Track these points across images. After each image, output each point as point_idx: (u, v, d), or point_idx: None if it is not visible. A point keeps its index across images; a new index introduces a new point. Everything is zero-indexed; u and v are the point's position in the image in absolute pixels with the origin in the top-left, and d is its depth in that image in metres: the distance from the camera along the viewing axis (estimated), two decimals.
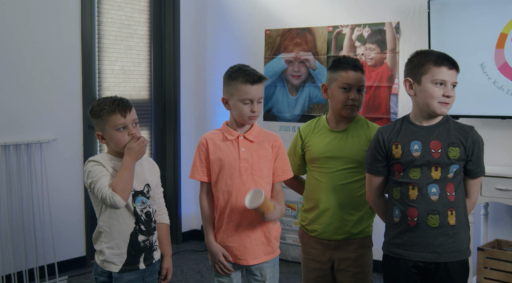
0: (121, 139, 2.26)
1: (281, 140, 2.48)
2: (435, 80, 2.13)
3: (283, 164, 2.46)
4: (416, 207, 2.14)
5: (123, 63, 4.67)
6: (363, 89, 2.51)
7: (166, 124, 5.05)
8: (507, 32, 3.64)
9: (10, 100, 3.87)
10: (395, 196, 2.21)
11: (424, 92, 2.15)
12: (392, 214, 2.22)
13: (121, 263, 2.29)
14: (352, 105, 2.48)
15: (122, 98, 2.31)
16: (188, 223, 5.19)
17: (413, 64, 2.19)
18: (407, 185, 2.16)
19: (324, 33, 4.48)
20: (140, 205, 2.32)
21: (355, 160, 2.48)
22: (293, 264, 4.46)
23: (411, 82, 2.19)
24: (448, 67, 2.14)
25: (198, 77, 5.21)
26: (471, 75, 3.72)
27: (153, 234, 2.37)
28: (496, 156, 3.82)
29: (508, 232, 3.83)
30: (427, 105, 2.16)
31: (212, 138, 2.43)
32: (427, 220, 2.14)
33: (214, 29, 5.10)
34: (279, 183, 2.48)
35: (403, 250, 2.19)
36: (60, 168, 4.13)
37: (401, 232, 2.19)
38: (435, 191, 2.14)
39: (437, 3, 3.87)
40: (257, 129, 2.46)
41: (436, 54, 2.18)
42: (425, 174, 2.14)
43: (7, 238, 3.78)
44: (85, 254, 4.33)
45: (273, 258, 2.51)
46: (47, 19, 4.05)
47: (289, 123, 4.68)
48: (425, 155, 2.14)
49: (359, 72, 2.49)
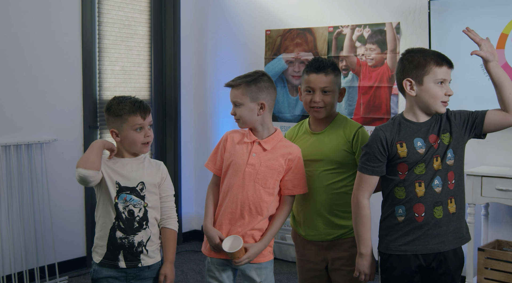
0: (136, 140, 2.37)
1: (300, 153, 2.47)
2: (437, 80, 2.15)
3: (295, 178, 2.45)
4: (423, 202, 2.15)
5: (123, 64, 4.67)
6: (328, 90, 2.48)
7: (167, 124, 5.05)
8: (507, 32, 3.64)
9: (10, 100, 3.87)
10: (398, 196, 2.19)
11: (427, 93, 2.16)
12: (395, 214, 2.20)
13: (101, 255, 2.38)
14: (317, 108, 2.49)
15: (142, 101, 2.42)
16: (189, 223, 5.19)
17: (412, 64, 2.18)
18: (413, 183, 2.16)
19: (325, 34, 4.48)
20: (122, 202, 2.36)
21: (335, 161, 2.48)
22: (293, 264, 4.46)
23: (411, 82, 2.18)
24: (448, 66, 2.18)
25: (199, 77, 5.21)
26: (472, 76, 3.72)
27: (135, 234, 2.37)
28: (496, 156, 3.82)
29: (509, 232, 3.82)
30: (429, 105, 2.17)
31: (232, 137, 2.50)
32: (433, 213, 2.15)
33: (214, 29, 5.10)
34: (287, 197, 2.47)
35: (409, 246, 2.18)
36: (61, 168, 4.13)
37: (408, 230, 2.18)
38: (438, 182, 2.15)
39: (437, 3, 3.87)
40: (277, 139, 2.47)
41: (434, 53, 2.20)
42: (430, 168, 2.15)
43: (7, 238, 3.79)
44: (85, 254, 4.33)
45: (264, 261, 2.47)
46: (47, 19, 4.05)
47: (289, 124, 4.68)
48: (428, 149, 2.16)
49: (322, 74, 2.48)
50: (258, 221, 2.42)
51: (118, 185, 2.36)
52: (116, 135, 2.40)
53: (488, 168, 3.73)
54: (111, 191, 2.36)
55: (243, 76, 2.45)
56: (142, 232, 2.39)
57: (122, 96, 2.43)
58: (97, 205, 2.43)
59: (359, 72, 4.31)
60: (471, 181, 3.56)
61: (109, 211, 2.36)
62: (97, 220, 2.42)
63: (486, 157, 3.83)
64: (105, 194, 2.37)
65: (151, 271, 2.42)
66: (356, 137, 2.48)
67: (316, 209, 2.52)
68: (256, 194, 2.40)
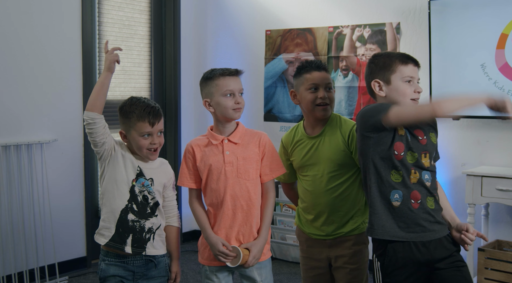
0: (142, 146, 2.35)
1: (268, 137, 2.47)
2: (405, 78, 2.18)
3: (270, 162, 2.45)
4: (418, 190, 2.15)
5: (123, 64, 4.67)
6: (331, 87, 2.51)
7: (167, 124, 5.05)
8: (507, 32, 3.64)
9: (11, 101, 3.87)
10: (394, 179, 2.15)
11: (396, 91, 2.19)
12: (390, 199, 2.15)
13: (108, 237, 2.34)
14: (324, 104, 2.48)
15: (154, 106, 2.36)
16: (188, 223, 5.19)
17: (378, 66, 2.22)
18: (409, 168, 2.14)
19: (325, 34, 4.48)
20: (140, 186, 2.36)
21: (336, 163, 2.47)
22: (293, 264, 4.46)
23: (380, 83, 2.21)
24: (414, 64, 2.21)
25: (199, 77, 5.11)
26: (472, 76, 3.73)
27: (147, 219, 2.37)
28: (496, 157, 3.82)
29: (509, 232, 3.82)
30: (399, 103, 2.17)
31: (198, 145, 2.46)
32: (427, 202, 2.16)
33: (214, 29, 5.10)
34: (269, 182, 2.46)
35: (406, 233, 2.14)
36: (61, 168, 4.14)
37: (404, 215, 2.14)
38: (428, 177, 2.17)
39: (437, 3, 3.87)
40: (242, 131, 2.46)
41: (399, 54, 2.25)
42: (419, 161, 2.15)
43: (7, 238, 3.79)
44: (85, 254, 4.33)
45: (264, 260, 2.47)
46: (48, 19, 4.05)
47: (289, 124, 4.68)
48: (414, 141, 2.15)
49: (323, 72, 2.50)
50: (253, 216, 2.41)
51: (140, 169, 2.37)
52: (124, 137, 2.40)
53: (488, 168, 3.73)
54: (130, 173, 2.35)
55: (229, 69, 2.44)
56: (153, 219, 2.39)
57: (137, 98, 2.39)
58: (105, 185, 2.37)
59: (359, 72, 4.31)
60: (471, 181, 3.56)
61: (120, 193, 2.34)
62: (104, 202, 2.38)
63: (486, 157, 3.83)
64: (122, 174, 2.35)
65: (158, 270, 2.43)
66: (351, 136, 2.46)
67: (320, 211, 2.52)
68: (242, 188, 2.39)
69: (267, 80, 4.79)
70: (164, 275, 2.46)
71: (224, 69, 2.41)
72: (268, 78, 4.78)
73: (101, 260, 2.41)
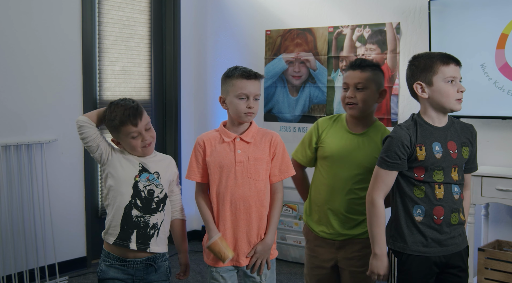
0: (136, 146, 2.38)
1: (280, 138, 2.46)
2: (447, 78, 2.16)
3: (280, 163, 2.44)
4: (442, 206, 2.17)
5: (123, 64, 4.67)
6: (362, 87, 2.47)
7: (167, 124, 5.05)
8: (507, 32, 3.64)
9: (11, 101, 3.87)
10: (417, 194, 2.19)
11: (439, 92, 2.17)
12: (413, 213, 2.19)
13: (115, 236, 2.35)
14: (350, 104, 2.48)
15: (132, 106, 2.36)
16: (189, 223, 5.18)
17: (419, 68, 2.20)
18: (433, 183, 2.17)
19: (325, 34, 4.48)
20: (144, 180, 2.37)
21: (365, 167, 2.45)
22: (294, 264, 4.46)
23: (422, 85, 2.20)
24: (455, 64, 2.19)
25: (199, 77, 5.21)
26: (472, 76, 3.72)
27: (151, 214, 2.37)
28: (496, 157, 3.82)
29: (509, 232, 3.83)
30: (443, 104, 2.18)
31: (209, 140, 2.44)
32: (451, 218, 2.18)
33: (214, 29, 5.10)
34: (277, 183, 2.46)
35: (428, 248, 2.19)
36: (61, 168, 4.14)
37: (426, 231, 2.18)
38: (457, 190, 2.20)
39: (437, 3, 3.87)
40: (255, 130, 2.44)
41: (440, 54, 2.21)
42: (448, 176, 2.18)
43: (7, 238, 3.79)
44: (85, 254, 4.33)
45: (272, 259, 2.47)
46: (48, 19, 4.05)
47: (289, 124, 4.68)
48: (445, 156, 2.17)
49: (358, 71, 2.49)
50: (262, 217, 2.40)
51: (142, 165, 2.38)
52: (117, 143, 2.42)
53: (488, 168, 3.74)
54: (131, 170, 2.36)
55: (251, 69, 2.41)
56: (158, 214, 2.39)
57: (114, 103, 2.40)
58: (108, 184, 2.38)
59: None
60: (471, 181, 3.56)
61: (123, 190, 2.34)
62: (109, 202, 2.39)
63: (486, 157, 3.83)
64: (123, 172, 2.36)
65: (158, 275, 2.42)
66: None
67: (334, 208, 2.50)
68: (251, 188, 2.38)
69: (267, 80, 4.79)
70: (165, 279, 2.46)
71: (244, 70, 2.38)
72: (268, 78, 4.78)
73: (102, 260, 2.41)
